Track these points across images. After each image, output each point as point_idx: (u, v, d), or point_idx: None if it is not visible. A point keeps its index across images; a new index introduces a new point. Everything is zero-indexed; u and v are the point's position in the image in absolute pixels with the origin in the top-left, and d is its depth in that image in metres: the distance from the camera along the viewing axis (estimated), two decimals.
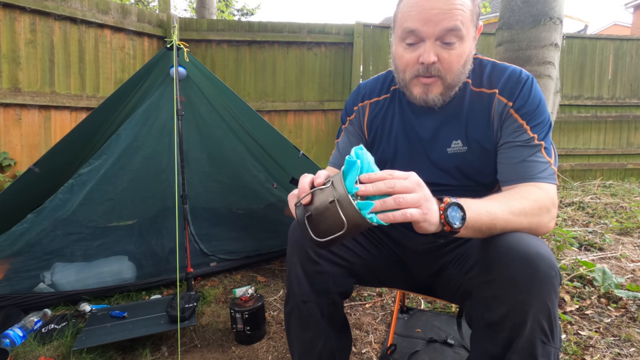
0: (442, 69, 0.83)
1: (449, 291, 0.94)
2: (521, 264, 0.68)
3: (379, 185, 0.62)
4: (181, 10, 20.31)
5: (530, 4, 2.08)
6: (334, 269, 0.94)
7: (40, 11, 2.92)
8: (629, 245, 2.59)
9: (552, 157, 0.85)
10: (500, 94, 0.88)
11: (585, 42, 4.99)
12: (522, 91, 0.86)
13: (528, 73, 0.90)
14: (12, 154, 2.88)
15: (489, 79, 0.90)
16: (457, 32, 0.80)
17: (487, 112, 0.89)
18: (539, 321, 0.67)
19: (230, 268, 2.28)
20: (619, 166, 5.13)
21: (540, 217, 0.77)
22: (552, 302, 0.68)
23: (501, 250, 0.72)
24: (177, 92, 1.76)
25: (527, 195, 0.78)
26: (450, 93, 0.88)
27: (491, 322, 0.72)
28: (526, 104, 0.86)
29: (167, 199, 2.23)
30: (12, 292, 1.74)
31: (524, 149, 0.84)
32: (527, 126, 0.85)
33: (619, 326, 1.59)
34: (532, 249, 0.69)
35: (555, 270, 0.68)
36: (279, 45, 4.11)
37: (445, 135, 0.92)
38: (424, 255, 1.00)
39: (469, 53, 0.85)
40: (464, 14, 0.79)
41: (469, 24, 0.82)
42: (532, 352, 0.68)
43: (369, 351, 1.48)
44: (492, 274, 0.72)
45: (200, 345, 1.55)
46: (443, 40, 0.81)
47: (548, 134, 0.86)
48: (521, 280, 0.68)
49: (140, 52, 3.57)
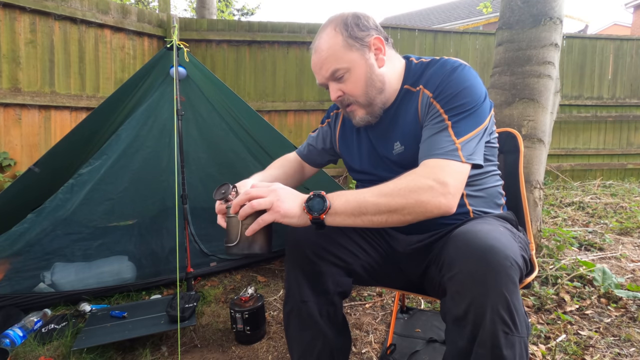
0: (350, 97, 0.96)
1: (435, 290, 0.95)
2: (477, 257, 0.70)
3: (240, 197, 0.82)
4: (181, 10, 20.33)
5: (530, 4, 2.09)
6: (332, 269, 0.94)
7: (40, 11, 2.92)
8: (629, 245, 2.59)
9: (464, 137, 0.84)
10: (425, 88, 0.93)
11: (585, 42, 4.99)
12: (443, 80, 0.90)
13: (460, 62, 0.92)
14: (12, 154, 2.88)
15: (421, 77, 0.96)
16: (338, 71, 0.93)
17: (415, 108, 0.94)
18: (498, 312, 0.68)
19: (230, 268, 2.27)
20: (619, 166, 5.13)
21: (418, 194, 0.78)
22: (510, 292, 0.68)
23: (460, 246, 0.74)
24: (177, 92, 1.76)
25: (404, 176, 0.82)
26: (377, 108, 0.97)
27: (457, 317, 0.73)
28: (444, 89, 0.89)
29: (167, 199, 2.23)
30: (12, 292, 1.74)
31: (430, 130, 0.88)
32: (442, 109, 0.87)
33: (619, 326, 1.59)
34: (486, 242, 0.71)
35: (510, 261, 0.70)
36: (279, 45, 4.11)
37: (387, 140, 1.00)
38: (411, 256, 1.01)
39: (365, 73, 0.93)
40: (334, 53, 0.92)
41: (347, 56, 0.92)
42: (495, 343, 0.68)
43: (368, 351, 1.48)
44: (454, 269, 0.74)
45: (200, 345, 1.55)
46: (335, 79, 0.94)
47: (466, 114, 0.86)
48: (477, 273, 0.70)
49: (140, 52, 3.57)
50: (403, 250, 1.02)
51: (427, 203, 0.78)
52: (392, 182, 0.81)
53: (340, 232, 0.96)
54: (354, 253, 0.97)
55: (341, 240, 0.96)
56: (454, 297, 0.74)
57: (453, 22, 14.16)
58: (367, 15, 0.95)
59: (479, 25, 13.36)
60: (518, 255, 0.74)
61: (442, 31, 4.75)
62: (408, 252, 1.01)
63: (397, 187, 0.80)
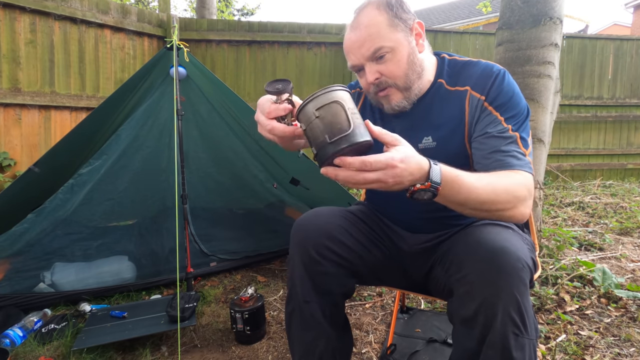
0: (389, 79, 0.91)
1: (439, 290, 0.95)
2: (488, 259, 0.70)
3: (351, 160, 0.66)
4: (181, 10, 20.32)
5: (530, 4, 2.09)
6: (336, 269, 0.94)
7: (40, 11, 2.92)
8: (629, 245, 2.59)
9: (528, 149, 0.87)
10: (473, 90, 0.91)
11: (585, 42, 4.99)
12: (494, 85, 0.89)
13: (500, 67, 0.93)
14: (12, 154, 2.88)
15: (462, 77, 0.94)
16: (381, 49, 0.88)
17: (460, 109, 0.92)
18: (509, 314, 0.68)
19: (230, 268, 2.27)
20: (619, 166, 5.13)
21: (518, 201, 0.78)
22: (521, 294, 0.69)
23: (470, 247, 0.74)
24: (177, 92, 1.76)
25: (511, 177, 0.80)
26: (412, 94, 0.93)
27: (466, 318, 0.73)
28: (499, 96, 0.88)
29: (167, 199, 2.23)
30: (12, 292, 1.74)
31: (499, 139, 0.86)
32: (501, 117, 0.87)
33: (619, 326, 1.59)
34: (498, 243, 0.71)
35: (522, 263, 0.70)
36: (279, 45, 4.11)
37: (416, 132, 0.96)
38: (417, 256, 1.01)
39: (408, 55, 0.90)
40: (378, 31, 0.87)
41: (391, 35, 0.88)
42: (505, 345, 0.68)
43: (369, 351, 1.48)
44: (463, 270, 0.74)
45: (200, 345, 1.55)
46: (375, 58, 0.89)
47: (523, 126, 0.88)
48: (489, 275, 0.69)
49: (140, 52, 3.57)
50: (409, 249, 1.02)
51: (518, 211, 0.79)
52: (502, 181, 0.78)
53: (346, 233, 0.96)
54: (358, 254, 0.97)
55: (346, 240, 0.95)
56: (463, 298, 0.73)
57: (453, 22, 14.16)
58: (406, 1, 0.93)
59: (479, 25, 13.35)
60: (528, 257, 0.74)
61: (442, 31, 4.75)
62: (414, 251, 1.01)
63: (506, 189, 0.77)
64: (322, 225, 0.93)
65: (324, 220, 0.95)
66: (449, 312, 0.81)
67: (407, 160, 0.68)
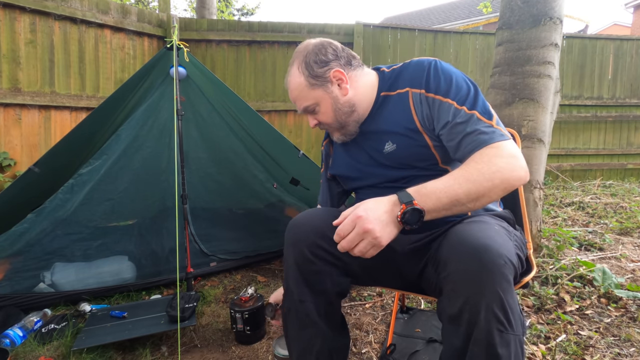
0: (324, 124, 1.06)
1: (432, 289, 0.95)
2: (470, 256, 0.71)
3: None
4: (181, 10, 20.33)
5: (530, 4, 2.09)
6: (330, 268, 0.94)
7: (40, 11, 2.92)
8: (629, 245, 2.59)
9: (493, 118, 0.88)
10: (412, 88, 0.97)
11: (585, 42, 4.99)
12: (430, 75, 0.94)
13: (430, 59, 0.98)
14: (12, 154, 2.88)
15: (399, 80, 1.01)
16: (308, 107, 1.03)
17: (405, 108, 0.98)
18: (493, 310, 0.68)
19: (230, 268, 2.28)
20: (619, 166, 5.13)
21: (501, 172, 0.80)
22: (504, 290, 0.69)
23: (453, 245, 0.75)
24: (177, 92, 1.76)
25: (479, 158, 0.83)
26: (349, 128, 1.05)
27: (452, 316, 0.74)
28: (439, 83, 0.92)
29: (167, 199, 2.23)
30: (12, 292, 1.74)
31: (460, 125, 0.89)
32: (453, 101, 0.90)
33: (619, 326, 1.59)
34: (480, 241, 0.72)
35: (504, 259, 0.70)
36: (279, 45, 4.11)
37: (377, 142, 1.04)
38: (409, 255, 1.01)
39: (331, 104, 1.01)
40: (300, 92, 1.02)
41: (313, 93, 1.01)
42: (490, 342, 0.69)
43: (368, 351, 1.48)
44: (448, 268, 0.75)
45: (200, 345, 1.55)
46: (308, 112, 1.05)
47: (478, 100, 0.90)
48: (471, 272, 0.70)
49: (140, 52, 3.57)
50: (401, 250, 1.02)
51: (511, 178, 0.81)
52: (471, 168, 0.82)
53: None
54: None
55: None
56: (449, 296, 0.74)
57: (453, 22, 14.16)
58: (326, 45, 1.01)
59: (479, 25, 13.35)
60: (512, 254, 0.74)
61: (442, 31, 4.75)
62: (406, 251, 1.01)
63: (479, 171, 0.80)
64: (316, 225, 0.94)
65: (318, 220, 0.96)
66: (438, 311, 0.82)
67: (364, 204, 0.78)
